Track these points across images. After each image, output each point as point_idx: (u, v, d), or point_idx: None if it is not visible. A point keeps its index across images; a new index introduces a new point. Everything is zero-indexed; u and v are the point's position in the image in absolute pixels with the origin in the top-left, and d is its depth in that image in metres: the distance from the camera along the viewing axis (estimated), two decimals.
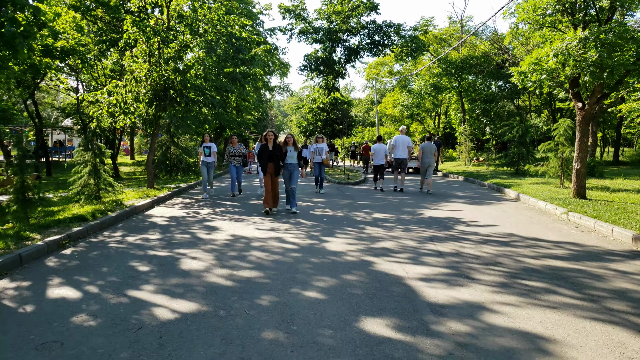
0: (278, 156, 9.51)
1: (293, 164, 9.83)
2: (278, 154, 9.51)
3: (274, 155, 9.46)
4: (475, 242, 6.86)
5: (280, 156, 9.55)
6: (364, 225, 8.19)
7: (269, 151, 9.45)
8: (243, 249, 6.28)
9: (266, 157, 9.45)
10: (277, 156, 9.50)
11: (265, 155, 9.45)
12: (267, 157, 9.45)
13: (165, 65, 12.41)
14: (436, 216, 9.28)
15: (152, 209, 10.22)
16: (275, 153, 9.49)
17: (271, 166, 9.47)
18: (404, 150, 13.65)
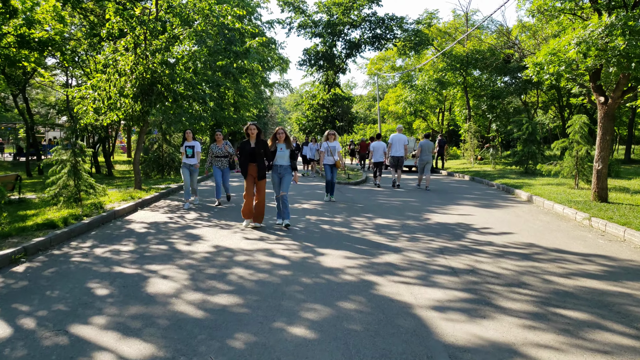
0: (262, 155, 7.70)
1: (284, 166, 7.87)
2: (262, 151, 7.68)
3: (256, 153, 7.66)
4: (491, 254, 5.99)
5: (266, 155, 7.78)
6: (365, 233, 7.33)
7: (250, 148, 7.65)
8: (224, 265, 5.42)
9: (246, 155, 7.66)
10: (261, 155, 7.68)
11: (246, 154, 7.65)
12: (247, 155, 7.66)
13: (152, 57, 11.54)
14: (444, 222, 8.42)
15: (133, 213, 9.38)
16: (257, 151, 7.64)
17: (253, 168, 7.69)
18: (401, 148, 14.16)
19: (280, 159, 7.87)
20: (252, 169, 7.72)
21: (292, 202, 11.04)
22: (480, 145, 25.30)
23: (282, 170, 7.88)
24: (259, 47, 21.71)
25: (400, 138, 14.24)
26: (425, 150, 14.02)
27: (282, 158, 7.87)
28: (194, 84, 12.14)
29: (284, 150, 7.88)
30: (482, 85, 24.74)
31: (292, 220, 8.57)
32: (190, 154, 10.26)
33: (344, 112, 24.03)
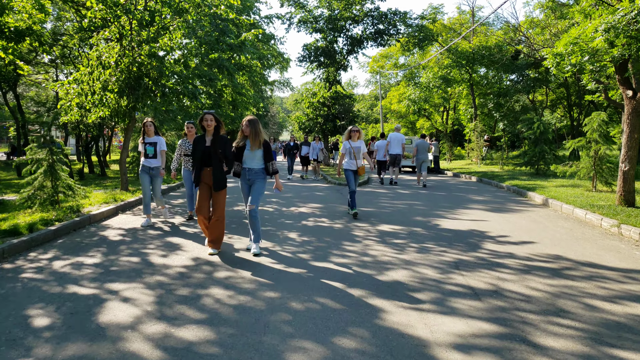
0: (219, 155, 5.75)
1: (254, 170, 5.90)
2: (220, 152, 5.72)
3: (212, 154, 5.72)
4: (515, 270, 5.13)
5: (226, 156, 5.79)
6: (368, 242, 6.47)
7: (204, 147, 5.76)
8: (200, 284, 4.56)
9: (199, 157, 5.78)
10: (218, 155, 5.74)
11: (198, 155, 5.78)
12: (200, 157, 5.77)
13: (138, 49, 10.70)
14: (455, 228, 7.55)
15: (112, 218, 8.53)
16: (215, 150, 5.71)
17: (208, 174, 5.82)
18: (398, 147, 14.92)
19: (249, 160, 5.91)
20: (207, 176, 5.84)
21: (289, 206, 10.19)
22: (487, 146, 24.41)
23: (251, 175, 5.92)
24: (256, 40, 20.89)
25: (398, 137, 15.02)
26: (421, 150, 14.63)
27: (252, 159, 5.91)
28: (184, 79, 11.30)
29: (256, 151, 5.90)
30: (489, 83, 23.84)
31: (287, 226, 7.71)
32: (151, 153, 7.96)
33: (346, 111, 23.17)
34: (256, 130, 5.81)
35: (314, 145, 18.21)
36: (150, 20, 11.05)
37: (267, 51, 28.68)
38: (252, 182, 5.95)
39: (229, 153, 5.80)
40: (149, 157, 7.92)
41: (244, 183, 6.02)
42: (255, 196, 5.86)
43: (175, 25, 11.62)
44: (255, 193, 5.90)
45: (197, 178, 5.87)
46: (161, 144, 8.07)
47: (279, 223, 8.01)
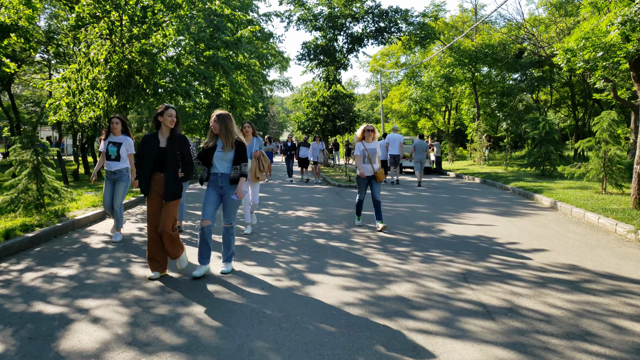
0: (177, 159, 4.74)
1: (224, 175, 4.89)
2: (178, 153, 4.72)
3: (168, 156, 4.68)
4: (529, 282, 4.67)
5: (183, 159, 4.78)
6: (368, 251, 6.02)
7: (157, 148, 4.70)
8: (181, 300, 4.12)
9: (150, 159, 4.69)
10: (176, 159, 4.72)
11: (150, 156, 4.69)
12: (152, 159, 4.69)
13: (129, 45, 10.26)
14: (461, 234, 7.10)
15: (98, 223, 8.08)
16: (170, 152, 4.68)
17: (159, 180, 4.73)
18: (397, 147, 15.21)
19: (221, 164, 4.89)
20: (159, 183, 4.71)
21: (286, 209, 9.74)
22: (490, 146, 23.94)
23: (224, 182, 4.89)
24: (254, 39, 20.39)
25: (397, 137, 15.40)
26: (419, 150, 15.03)
27: (224, 163, 4.88)
28: (177, 76, 10.86)
29: (227, 152, 4.85)
30: (492, 82, 23.38)
31: (282, 232, 7.26)
32: (114, 154, 6.61)
33: (346, 110, 22.72)
34: (227, 127, 4.81)
35: (314, 146, 17.02)
36: (142, 16, 10.62)
37: (266, 50, 28.23)
38: (225, 192, 4.91)
39: (188, 155, 4.81)
40: (111, 159, 6.64)
41: (212, 190, 4.92)
42: (231, 213, 4.99)
43: (168, 21, 11.18)
44: (230, 209, 4.96)
45: (146, 185, 4.72)
46: (128, 145, 6.75)
47: (274, 228, 7.56)
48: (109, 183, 6.72)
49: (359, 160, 7.62)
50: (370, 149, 7.54)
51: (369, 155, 7.50)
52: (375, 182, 7.57)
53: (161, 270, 4.82)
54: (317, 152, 16.70)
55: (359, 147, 7.67)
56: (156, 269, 4.79)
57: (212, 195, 4.94)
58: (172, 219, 4.72)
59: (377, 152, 7.60)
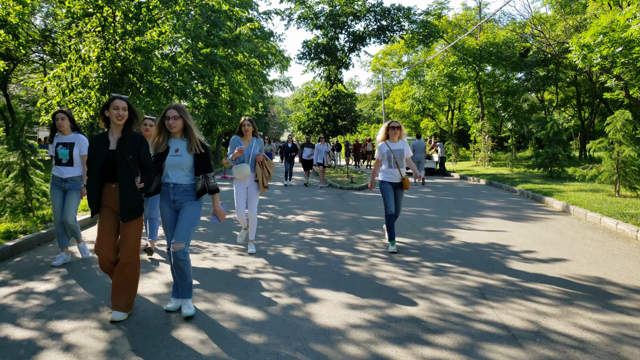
0: (129, 164, 3.67)
1: (180, 187, 3.87)
2: (132, 158, 3.67)
3: (119, 160, 3.67)
4: (554, 299, 4.23)
5: (141, 165, 3.75)
6: (374, 261, 5.57)
7: (106, 152, 3.70)
8: (168, 322, 3.68)
9: (98, 165, 3.69)
10: (128, 164, 3.66)
11: (97, 162, 3.69)
12: (100, 166, 3.69)
13: (122, 42, 9.83)
14: (473, 241, 6.66)
15: (89, 229, 7.65)
16: (122, 156, 3.66)
17: (111, 193, 3.75)
18: None
19: (174, 171, 3.83)
20: (111, 196, 3.73)
21: (286, 214, 9.30)
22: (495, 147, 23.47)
23: (178, 194, 3.84)
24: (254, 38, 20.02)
25: None
26: (417, 150, 15.42)
27: (179, 170, 3.83)
28: (172, 75, 10.43)
29: (184, 156, 3.83)
30: (497, 81, 22.94)
31: (281, 239, 6.81)
32: (65, 158, 5.34)
33: (347, 110, 22.28)
34: (186, 121, 3.79)
35: (319, 147, 15.50)
36: (137, 13, 10.20)
37: (266, 49, 27.81)
38: (180, 207, 3.85)
39: (147, 159, 3.71)
40: (62, 164, 5.33)
41: (166, 207, 3.88)
42: (183, 229, 3.74)
43: (164, 17, 10.76)
44: (184, 223, 3.77)
45: (94, 199, 3.70)
46: (82, 145, 5.37)
47: (272, 235, 7.12)
48: (59, 193, 5.34)
49: (382, 165, 6.26)
50: (397, 150, 6.20)
51: (395, 158, 6.16)
52: (400, 193, 6.27)
53: (119, 306, 3.72)
54: (323, 154, 15.47)
55: (381, 149, 6.26)
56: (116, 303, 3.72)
57: (168, 214, 3.90)
58: (133, 243, 3.68)
59: (404, 153, 6.23)
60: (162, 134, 3.88)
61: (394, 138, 6.30)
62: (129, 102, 3.76)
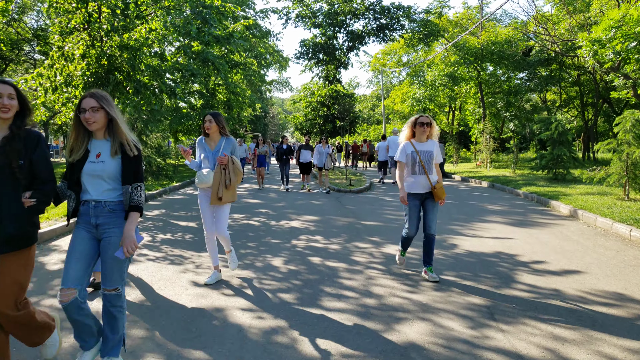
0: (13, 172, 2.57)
1: (109, 206, 2.83)
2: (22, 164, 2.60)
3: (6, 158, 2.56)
4: (572, 320, 3.76)
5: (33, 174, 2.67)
6: (371, 273, 5.10)
7: None
8: (135, 347, 3.20)
9: None
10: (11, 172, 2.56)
11: None
12: None
13: (108, 39, 9.37)
14: (478, 250, 6.19)
15: (67, 237, 7.17)
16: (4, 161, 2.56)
17: None
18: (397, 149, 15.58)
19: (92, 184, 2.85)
20: None
21: (279, 219, 8.82)
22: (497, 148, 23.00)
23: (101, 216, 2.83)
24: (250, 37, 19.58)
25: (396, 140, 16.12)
26: None
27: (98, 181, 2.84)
28: (161, 73, 9.96)
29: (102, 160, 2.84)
30: (499, 81, 22.48)
31: (272, 248, 6.33)
32: None
33: (346, 111, 21.82)
34: (109, 113, 2.80)
35: (320, 149, 14.03)
36: (124, 8, 9.74)
37: (263, 49, 27.37)
38: (104, 235, 2.80)
39: (43, 167, 2.69)
40: None
41: (83, 232, 2.83)
42: (116, 270, 2.80)
43: (153, 13, 10.30)
44: (116, 262, 2.78)
45: None
46: None
47: (263, 243, 6.64)
48: None
49: (406, 171, 4.95)
50: (425, 152, 4.87)
51: (422, 162, 4.80)
52: (431, 204, 4.89)
53: None
54: (324, 156, 13.97)
55: (405, 149, 4.94)
56: None
57: (81, 242, 2.80)
58: (14, 288, 2.61)
59: (434, 156, 4.91)
60: (78, 133, 2.82)
61: (421, 137, 4.96)
62: (17, 88, 2.69)
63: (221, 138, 4.66)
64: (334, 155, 15.04)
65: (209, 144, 4.67)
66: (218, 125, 4.60)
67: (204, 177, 4.51)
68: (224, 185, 4.52)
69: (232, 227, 7.82)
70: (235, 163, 4.62)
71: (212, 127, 4.58)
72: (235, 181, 4.60)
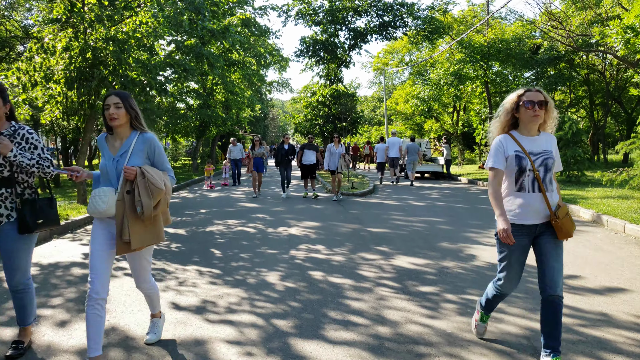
0: None
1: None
2: None
3: None
4: (636, 357, 3.03)
5: None
6: (382, 292, 4.37)
7: None
8: None
9: None
10: None
11: None
12: None
13: (91, 30, 8.67)
14: None
15: (40, 245, 6.45)
16: None
17: None
18: (396, 150, 16.27)
19: None
20: None
21: (277, 225, 8.09)
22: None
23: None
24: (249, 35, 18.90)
25: (396, 141, 16.51)
26: (411, 152, 16.17)
27: None
28: (151, 68, 9.25)
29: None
30: (506, 80, 21.75)
31: (268, 260, 5.59)
32: None
33: (348, 111, 21.10)
34: None
35: (332, 148, 11.94)
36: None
37: (262, 48, 26.67)
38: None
39: None
40: None
41: None
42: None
43: (143, 3, 9.59)
44: None
45: None
46: None
47: (258, 254, 5.91)
48: None
49: (505, 186, 3.01)
50: (539, 154, 2.89)
51: (536, 170, 2.85)
52: (552, 245, 2.92)
53: None
54: (337, 158, 11.77)
55: (501, 149, 2.94)
56: None
57: None
58: None
59: (555, 159, 2.94)
60: None
61: (530, 126, 2.92)
62: None
63: (132, 134, 2.92)
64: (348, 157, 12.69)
65: (111, 145, 2.94)
66: (128, 111, 2.85)
67: (96, 201, 2.75)
68: (138, 211, 2.71)
69: (225, 235, 7.10)
70: (149, 177, 2.73)
71: (120, 116, 2.81)
72: (151, 206, 2.71)
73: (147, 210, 2.68)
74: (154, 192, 2.71)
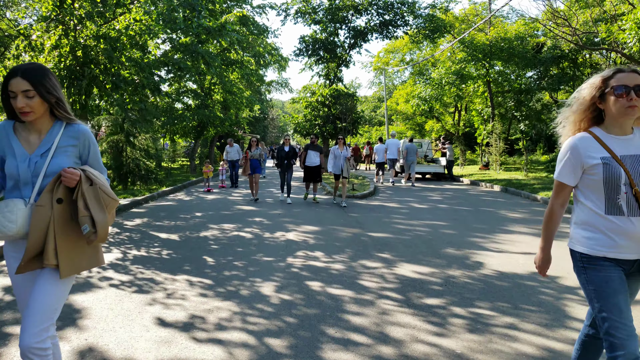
0: None
1: None
2: None
3: None
4: None
5: None
6: (384, 304, 4.05)
7: None
8: None
9: None
10: None
11: None
12: None
13: (81, 27, 8.36)
14: (508, 270, 5.16)
15: None
16: None
17: None
18: (395, 151, 16.71)
19: None
20: None
21: (274, 229, 7.78)
22: (507, 150, 21.93)
23: None
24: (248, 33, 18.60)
25: (395, 142, 17.03)
26: (410, 152, 16.31)
27: None
28: (144, 67, 8.94)
29: None
30: (508, 80, 21.45)
31: (263, 268, 5.28)
32: None
33: (348, 111, 20.79)
34: None
35: (336, 151, 11.11)
36: None
37: (261, 48, 26.38)
38: None
39: None
40: None
41: None
42: None
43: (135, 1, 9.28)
44: None
45: None
46: None
47: (252, 262, 5.59)
48: None
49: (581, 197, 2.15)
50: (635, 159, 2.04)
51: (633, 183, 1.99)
52: None
53: None
54: (342, 161, 11.04)
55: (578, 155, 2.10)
56: None
57: None
58: None
59: None
60: None
61: (622, 122, 2.07)
62: None
63: (55, 125, 2.13)
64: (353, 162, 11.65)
65: (23, 139, 2.11)
66: (45, 99, 1.99)
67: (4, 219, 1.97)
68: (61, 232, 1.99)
69: (219, 241, 6.78)
70: (99, 185, 2.05)
71: (34, 107, 1.98)
72: (107, 224, 2.03)
73: (103, 230, 1.96)
74: (108, 204, 2.03)
